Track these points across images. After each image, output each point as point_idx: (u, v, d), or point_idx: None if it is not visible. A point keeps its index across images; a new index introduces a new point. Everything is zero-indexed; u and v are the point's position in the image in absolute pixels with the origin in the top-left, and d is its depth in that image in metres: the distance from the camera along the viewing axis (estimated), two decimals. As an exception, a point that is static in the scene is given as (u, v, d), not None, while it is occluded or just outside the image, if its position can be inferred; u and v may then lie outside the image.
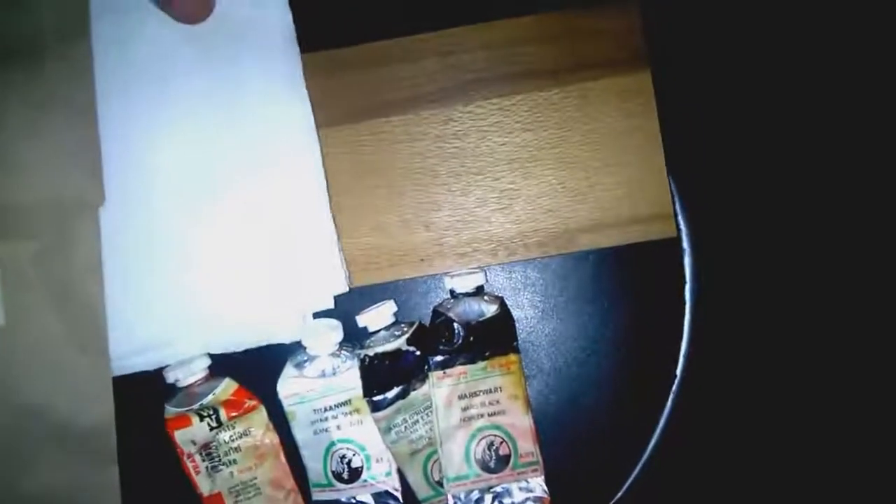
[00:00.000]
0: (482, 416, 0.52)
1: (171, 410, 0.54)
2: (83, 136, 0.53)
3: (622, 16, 0.55)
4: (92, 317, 0.53)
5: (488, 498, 0.51)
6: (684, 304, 0.54)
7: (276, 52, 0.55)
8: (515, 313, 0.55)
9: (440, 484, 0.53)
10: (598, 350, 0.55)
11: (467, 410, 0.52)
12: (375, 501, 0.54)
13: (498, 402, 0.52)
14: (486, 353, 0.52)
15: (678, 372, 0.54)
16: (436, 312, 0.54)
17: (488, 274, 0.56)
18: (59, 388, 0.52)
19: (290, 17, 0.55)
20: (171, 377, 0.54)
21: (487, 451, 0.52)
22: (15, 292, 0.52)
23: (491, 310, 0.53)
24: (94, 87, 0.54)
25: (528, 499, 0.51)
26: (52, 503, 0.52)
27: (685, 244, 0.55)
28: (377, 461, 0.54)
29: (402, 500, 0.54)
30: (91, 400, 0.52)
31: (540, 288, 0.56)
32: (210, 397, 0.54)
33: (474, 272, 0.54)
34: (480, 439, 0.52)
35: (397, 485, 0.54)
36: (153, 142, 0.54)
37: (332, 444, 0.54)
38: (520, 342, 0.54)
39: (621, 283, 0.55)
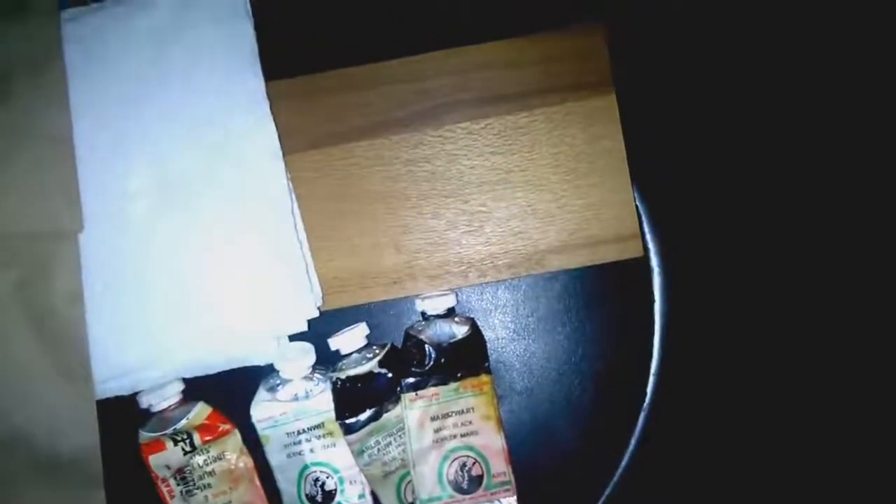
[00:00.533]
0: (455, 436, 0.52)
1: (145, 435, 0.54)
2: (60, 164, 0.54)
3: (588, 39, 0.55)
4: (74, 343, 0.53)
5: None
6: (653, 323, 0.55)
7: (239, 74, 0.55)
8: (487, 334, 0.55)
9: None
10: (569, 370, 0.56)
11: (440, 431, 0.52)
12: (349, 524, 0.54)
13: (470, 422, 0.52)
14: (458, 375, 0.52)
15: (648, 391, 0.54)
16: (407, 335, 0.54)
17: (460, 295, 0.56)
18: (44, 414, 0.52)
19: (252, 37, 0.55)
20: (144, 402, 0.54)
21: (460, 472, 0.52)
22: (-2, 322, 0.52)
23: (462, 331, 0.53)
24: (69, 115, 0.54)
25: None
26: None
27: (653, 263, 0.55)
28: (350, 483, 0.54)
29: None
30: (76, 426, 0.52)
31: (511, 309, 0.56)
32: (184, 422, 0.54)
33: (445, 294, 0.54)
34: (453, 460, 0.52)
35: None
36: (125, 168, 0.55)
37: (306, 466, 0.54)
38: (491, 363, 0.55)
39: (591, 303, 0.56)
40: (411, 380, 0.52)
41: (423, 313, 0.54)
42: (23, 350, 0.52)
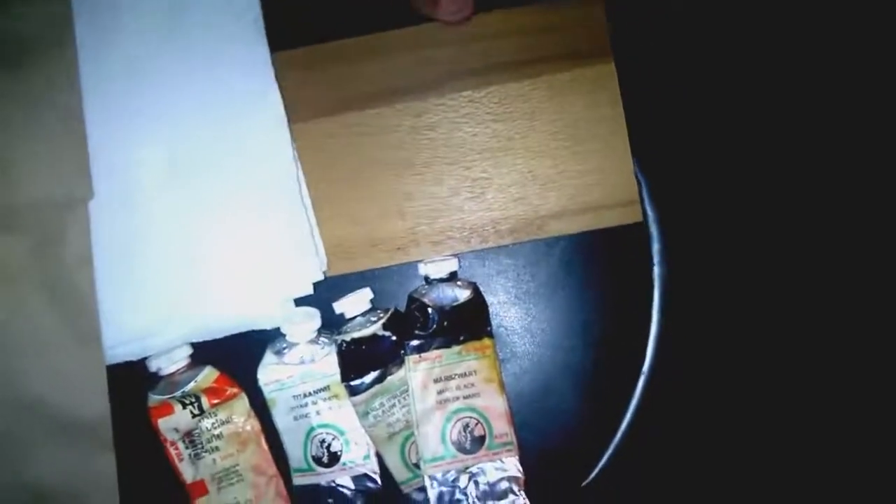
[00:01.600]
0: (457, 398, 0.52)
1: (153, 399, 0.55)
2: (71, 134, 0.54)
3: (587, 9, 0.55)
4: (85, 309, 0.53)
5: (464, 478, 0.52)
6: (652, 287, 0.55)
7: (245, 44, 0.55)
8: (489, 299, 0.56)
9: (417, 466, 0.53)
10: (570, 333, 0.56)
11: (443, 393, 0.52)
12: (355, 484, 0.54)
13: (473, 385, 0.52)
14: (461, 338, 0.53)
15: (648, 354, 0.55)
16: (411, 298, 0.54)
17: (462, 261, 0.57)
18: (56, 379, 0.53)
19: (258, 7, 0.55)
20: (153, 366, 0.55)
21: (463, 433, 0.52)
22: (9, 287, 0.52)
23: (464, 295, 0.53)
24: (79, 87, 0.55)
25: (502, 478, 0.51)
26: (53, 491, 0.52)
27: (652, 229, 0.55)
28: (356, 445, 0.54)
29: (380, 483, 0.54)
30: (87, 390, 0.53)
31: (512, 274, 0.57)
32: (192, 385, 0.55)
33: (448, 259, 0.54)
34: (456, 421, 0.52)
35: (376, 468, 0.54)
36: (134, 138, 0.55)
37: (312, 429, 0.54)
38: (493, 327, 0.55)
39: (591, 267, 0.56)
40: (415, 342, 0.53)
41: (426, 277, 0.54)
42: (37, 315, 0.53)
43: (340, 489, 0.54)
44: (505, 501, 0.50)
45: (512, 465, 0.51)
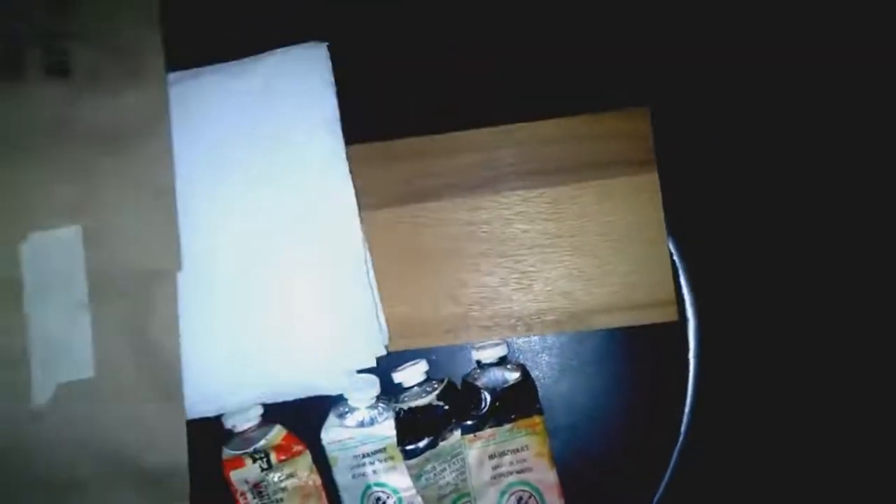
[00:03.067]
0: (511, 473, 0.56)
1: (228, 453, 0.59)
2: (163, 211, 0.58)
3: (634, 121, 0.59)
4: (170, 370, 0.57)
5: None
6: (687, 373, 0.59)
7: (321, 138, 0.59)
8: (534, 373, 0.60)
9: None
10: (609, 408, 0.60)
11: (497, 469, 0.56)
12: (405, 541, 0.59)
13: (525, 460, 0.56)
14: (512, 416, 0.57)
15: (682, 431, 0.59)
16: (465, 382, 0.58)
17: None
18: (141, 432, 0.57)
19: (335, 105, 0.59)
20: (228, 423, 0.60)
21: None
22: (103, 348, 0.57)
23: (514, 377, 0.57)
24: (173, 169, 0.59)
25: None
26: None
27: (689, 328, 0.59)
28: (408, 504, 0.59)
29: None
30: (168, 442, 0.57)
31: (556, 351, 0.61)
32: (262, 442, 0.59)
33: (498, 344, 0.59)
34: (510, 495, 0.56)
35: None
36: (218, 217, 0.60)
37: (369, 486, 0.59)
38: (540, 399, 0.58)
39: (629, 354, 0.60)
40: (469, 422, 0.57)
41: (478, 361, 0.59)
42: (126, 373, 0.57)
43: (392, 544, 0.59)
44: (557, 571, 0.55)
45: (564, 537, 0.56)
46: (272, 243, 0.59)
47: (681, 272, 0.60)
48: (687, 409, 0.59)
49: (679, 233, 0.59)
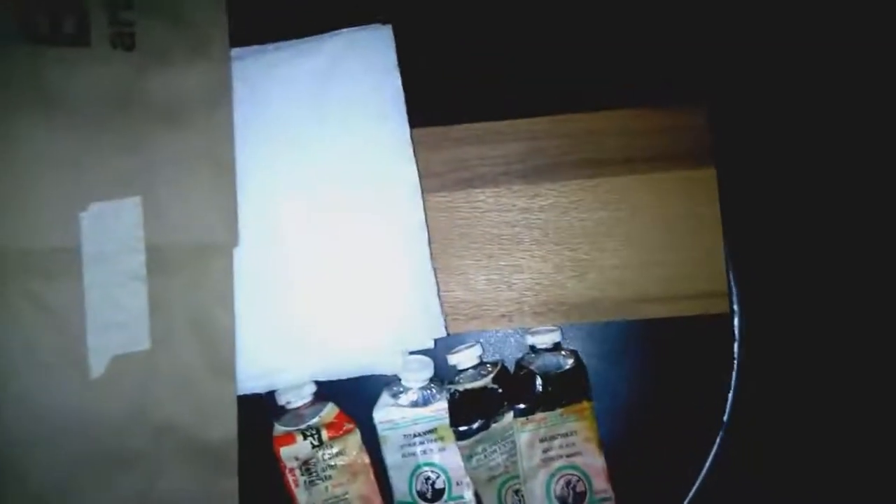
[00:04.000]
0: (560, 457, 0.57)
1: (279, 429, 0.59)
2: (222, 186, 0.58)
3: (692, 115, 0.60)
4: (223, 345, 0.57)
5: None
6: (732, 365, 0.60)
7: (387, 120, 0.60)
8: (584, 359, 0.59)
9: None
10: (656, 396, 0.60)
11: (547, 452, 0.57)
12: (454, 520, 0.59)
13: (574, 444, 0.57)
14: (563, 401, 0.57)
15: (724, 420, 0.59)
16: (518, 365, 0.59)
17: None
18: (192, 406, 0.57)
19: (399, 88, 0.60)
20: (281, 399, 0.59)
21: (566, 489, 0.56)
22: (158, 321, 0.56)
23: (567, 363, 0.58)
24: (234, 145, 0.59)
25: None
26: None
27: (735, 321, 0.60)
28: (457, 484, 0.59)
29: None
30: (218, 417, 0.57)
31: (607, 338, 0.61)
32: (315, 419, 0.59)
33: (552, 330, 0.59)
34: (559, 478, 0.57)
35: None
36: (278, 193, 0.60)
37: (419, 466, 0.59)
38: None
39: (678, 343, 0.60)
40: (521, 406, 0.57)
41: (532, 346, 0.59)
42: (179, 347, 0.57)
43: (441, 523, 0.59)
44: (604, 553, 0.56)
45: (610, 521, 0.56)
46: (332, 221, 0.59)
47: (729, 266, 0.60)
48: (730, 400, 0.60)
49: (729, 227, 0.60)
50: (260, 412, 0.60)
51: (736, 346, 0.60)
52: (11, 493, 0.55)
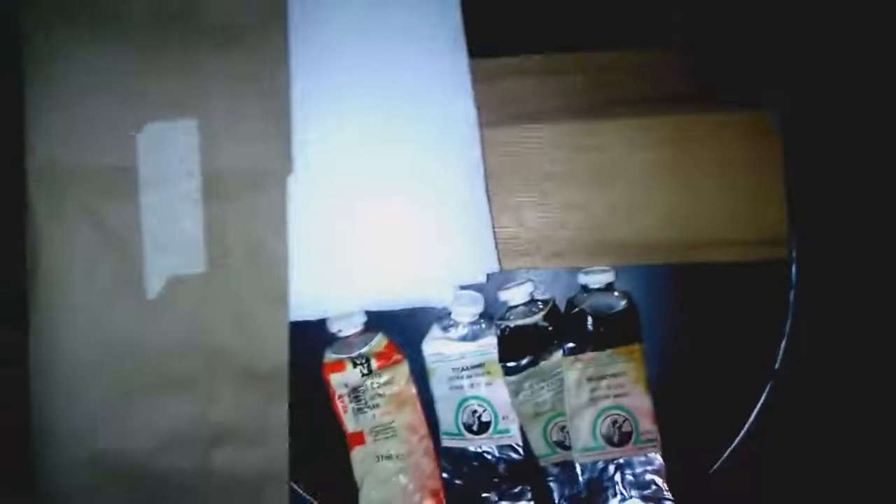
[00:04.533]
0: (608, 397, 0.56)
1: (330, 356, 0.59)
2: (276, 113, 0.57)
3: (760, 58, 0.58)
4: (277, 272, 0.57)
5: (612, 468, 0.56)
6: (786, 312, 0.59)
7: (445, 50, 0.58)
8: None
9: (558, 444, 0.58)
10: (706, 340, 0.59)
11: (595, 391, 0.56)
12: (499, 452, 0.59)
13: (622, 385, 0.56)
14: (613, 342, 0.57)
15: (775, 368, 0.59)
16: (570, 304, 0.58)
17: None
18: (246, 331, 0.57)
19: (458, 16, 0.58)
20: (333, 327, 0.59)
21: (612, 428, 0.56)
22: (215, 245, 0.56)
23: (620, 304, 0.57)
24: (288, 70, 0.57)
25: (646, 470, 0.56)
26: (232, 430, 0.57)
27: (792, 266, 0.59)
28: (503, 418, 0.59)
29: (522, 454, 0.59)
30: (271, 344, 0.57)
31: (660, 280, 0.60)
32: (365, 348, 0.59)
33: (606, 270, 0.58)
34: (606, 417, 0.57)
35: (520, 441, 0.59)
36: (334, 120, 0.58)
37: (465, 399, 0.59)
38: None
39: (731, 289, 0.59)
40: (571, 344, 0.57)
41: (584, 286, 0.58)
42: (234, 272, 0.57)
43: (486, 454, 0.59)
44: (648, 491, 0.55)
45: (656, 460, 0.56)
46: (390, 151, 0.58)
47: (789, 212, 0.59)
48: (782, 349, 0.59)
49: (791, 173, 0.58)
50: (311, 340, 0.60)
51: (791, 293, 0.59)
52: (70, 412, 0.56)
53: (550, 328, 0.58)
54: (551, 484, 0.58)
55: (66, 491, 0.55)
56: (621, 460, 0.56)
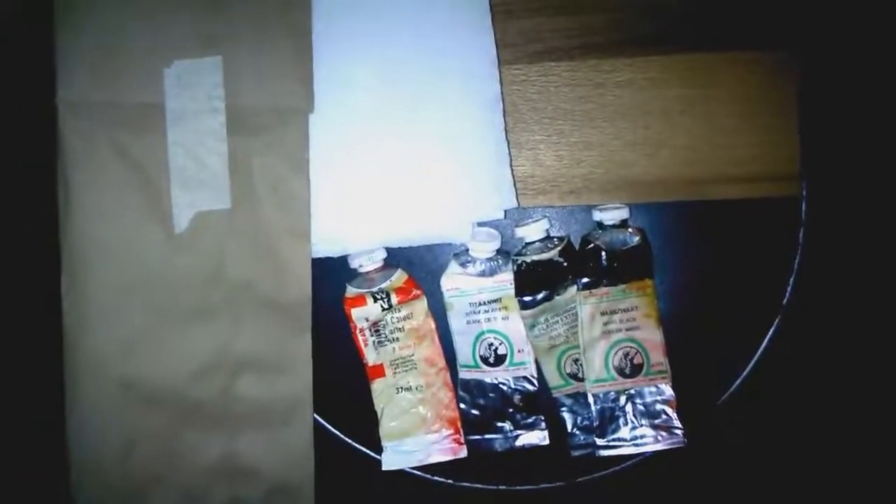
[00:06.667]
0: (620, 330, 0.57)
1: (351, 290, 0.60)
2: (298, 51, 0.57)
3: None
4: (299, 209, 0.57)
5: (623, 398, 0.57)
6: (796, 249, 0.58)
7: None
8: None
9: (571, 376, 0.58)
10: (717, 276, 0.60)
11: (608, 325, 0.57)
12: (514, 383, 0.60)
13: (634, 319, 0.57)
14: (626, 278, 0.57)
15: (783, 304, 0.59)
16: (584, 241, 0.58)
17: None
18: (269, 265, 0.57)
19: None
20: (354, 263, 0.60)
21: (624, 360, 0.57)
22: (239, 181, 0.57)
23: (634, 240, 0.57)
24: (310, 11, 0.57)
25: (657, 401, 0.57)
26: (256, 361, 0.58)
27: (803, 203, 0.59)
28: (519, 351, 0.59)
29: (537, 385, 0.60)
30: (294, 278, 0.57)
31: (672, 217, 0.60)
32: (386, 284, 0.60)
33: (620, 207, 0.58)
34: (618, 350, 0.57)
35: (534, 372, 0.60)
36: (353, 60, 0.58)
37: (482, 333, 0.60)
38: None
39: (743, 225, 0.59)
40: (585, 279, 0.57)
41: (598, 223, 0.58)
42: (258, 207, 0.57)
43: (501, 386, 0.60)
44: (659, 420, 0.56)
45: (666, 390, 0.57)
46: (409, 89, 0.58)
47: (802, 149, 0.58)
48: (791, 284, 0.59)
49: (805, 110, 0.58)
50: (333, 276, 0.60)
51: (802, 230, 0.59)
52: (100, 338, 0.57)
53: (565, 264, 0.58)
54: (564, 414, 0.59)
55: (96, 414, 0.56)
56: (632, 391, 0.57)
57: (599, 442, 0.57)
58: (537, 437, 0.60)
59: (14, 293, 0.65)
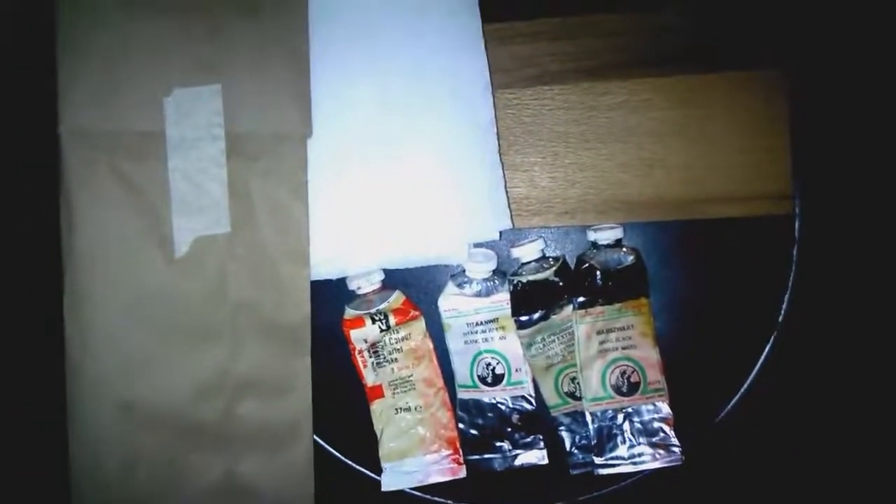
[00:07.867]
0: (616, 349, 0.57)
1: (350, 312, 0.60)
2: (297, 76, 0.57)
3: (768, 17, 0.57)
4: (298, 231, 0.57)
5: (620, 416, 0.57)
6: (790, 267, 0.58)
7: (460, 13, 0.58)
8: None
9: (568, 395, 0.58)
10: (712, 294, 0.60)
11: (604, 344, 0.57)
12: (512, 402, 0.60)
13: (630, 338, 0.57)
14: (622, 296, 0.57)
15: (779, 321, 0.59)
16: (580, 260, 0.58)
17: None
18: (269, 288, 0.57)
19: None
20: (352, 285, 0.60)
21: (620, 378, 0.57)
22: (239, 206, 0.57)
23: (628, 260, 0.57)
24: (308, 35, 0.57)
25: (654, 419, 0.56)
26: (256, 382, 0.58)
27: (797, 222, 0.59)
28: (516, 371, 0.59)
29: (534, 405, 0.59)
30: (293, 300, 0.57)
31: (667, 236, 0.60)
32: (383, 305, 0.60)
33: (614, 227, 0.58)
34: (615, 368, 0.57)
35: (532, 392, 0.59)
36: (351, 85, 0.58)
37: (480, 353, 0.60)
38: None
39: (737, 244, 0.59)
40: (581, 299, 0.57)
41: (593, 242, 0.58)
42: (257, 230, 0.57)
43: (500, 405, 0.60)
44: (656, 438, 0.56)
45: (663, 408, 0.56)
46: (405, 113, 0.58)
47: (794, 169, 0.58)
48: (786, 302, 0.59)
49: (797, 130, 0.58)
50: (332, 298, 0.60)
51: (795, 248, 0.59)
52: (102, 360, 0.57)
53: (561, 283, 0.58)
54: (562, 433, 0.59)
55: (97, 435, 0.56)
56: (630, 409, 0.57)
57: (598, 460, 0.57)
58: (536, 456, 0.59)
59: (18, 319, 0.66)
